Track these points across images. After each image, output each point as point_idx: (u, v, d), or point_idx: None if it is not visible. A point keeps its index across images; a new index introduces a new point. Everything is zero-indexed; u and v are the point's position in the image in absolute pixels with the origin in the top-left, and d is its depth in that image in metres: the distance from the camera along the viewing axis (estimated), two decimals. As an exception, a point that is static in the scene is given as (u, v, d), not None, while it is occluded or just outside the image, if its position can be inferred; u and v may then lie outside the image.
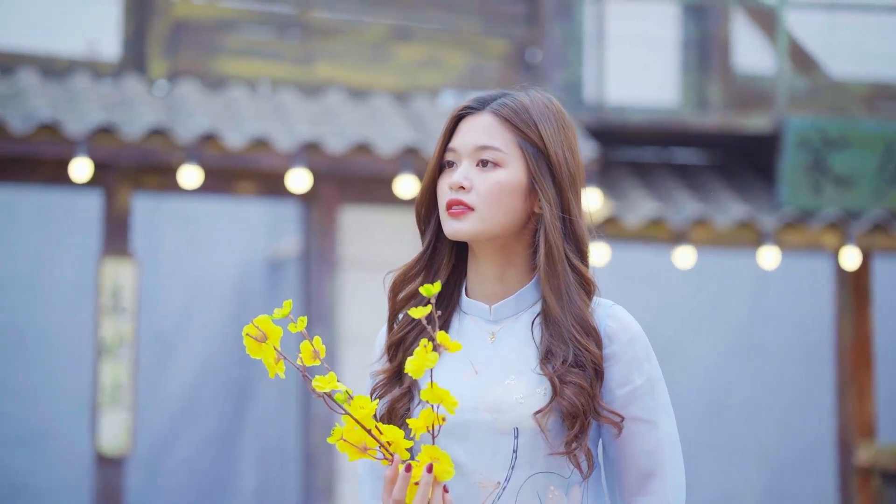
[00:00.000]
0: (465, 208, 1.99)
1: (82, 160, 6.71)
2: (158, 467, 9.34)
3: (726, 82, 8.43)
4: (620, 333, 2.00)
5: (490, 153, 2.01)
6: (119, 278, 7.08)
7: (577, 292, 2.00)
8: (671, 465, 1.99)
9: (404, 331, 2.04)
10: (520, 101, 2.04)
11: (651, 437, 1.99)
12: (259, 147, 7.01)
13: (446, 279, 2.07)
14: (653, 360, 2.02)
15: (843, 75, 8.67)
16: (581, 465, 1.97)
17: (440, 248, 2.06)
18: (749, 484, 9.91)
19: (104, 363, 7.03)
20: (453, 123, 2.06)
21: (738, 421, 9.97)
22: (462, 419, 1.97)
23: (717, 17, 8.41)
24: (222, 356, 9.74)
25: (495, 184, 2.00)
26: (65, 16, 7.57)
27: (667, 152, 8.37)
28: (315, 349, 1.87)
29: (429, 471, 1.85)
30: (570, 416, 1.94)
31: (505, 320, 2.04)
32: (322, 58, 7.83)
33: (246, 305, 9.89)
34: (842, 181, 7.77)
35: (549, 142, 2.02)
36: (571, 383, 1.95)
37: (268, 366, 1.88)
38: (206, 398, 9.70)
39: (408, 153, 7.09)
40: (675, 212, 7.63)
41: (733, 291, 9.87)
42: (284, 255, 9.81)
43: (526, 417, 1.96)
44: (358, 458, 1.89)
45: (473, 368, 2.01)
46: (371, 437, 1.87)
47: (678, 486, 1.99)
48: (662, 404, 2.01)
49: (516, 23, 8.07)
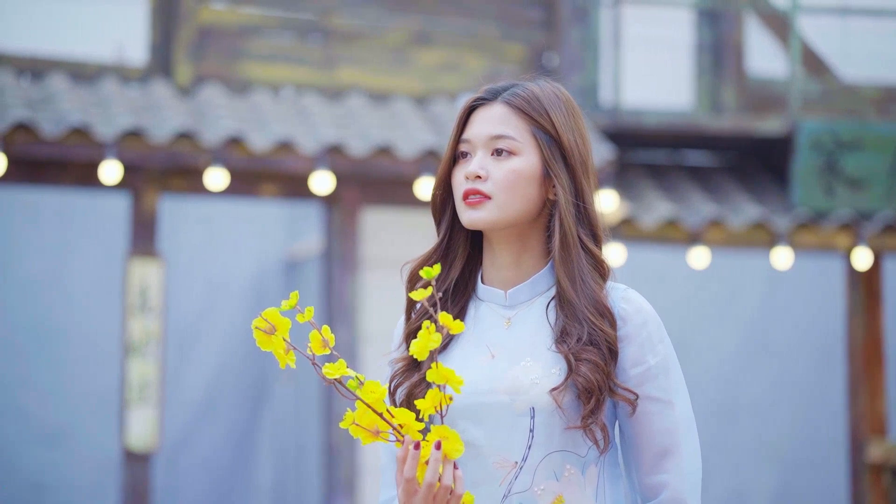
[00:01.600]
0: (482, 197, 2.01)
1: (111, 163, 6.85)
2: (178, 464, 9.40)
3: (740, 86, 8.48)
4: (634, 315, 2.02)
5: (504, 142, 2.03)
6: (146, 278, 7.22)
7: (591, 275, 2.01)
8: (686, 443, 2.00)
9: (421, 320, 2.06)
10: (530, 90, 2.06)
11: (666, 417, 2.00)
12: (283, 150, 7.13)
13: (461, 268, 2.08)
14: (666, 342, 2.03)
15: (855, 79, 8.69)
16: (598, 440, 1.98)
17: (455, 238, 2.08)
18: (760, 481, 9.92)
19: (132, 361, 7.17)
20: (466, 115, 2.07)
21: (750, 419, 10.00)
22: (479, 402, 2.00)
23: (731, 22, 8.45)
24: (240, 355, 9.81)
25: (511, 171, 2.02)
26: (93, 22, 7.70)
27: (681, 154, 8.41)
28: (324, 338, 1.89)
29: (437, 448, 1.86)
30: (586, 392, 1.96)
31: (520, 305, 2.05)
32: (344, 62, 7.95)
33: (263, 305, 9.96)
34: (854, 183, 7.82)
35: (561, 129, 2.04)
36: (586, 360, 1.97)
37: (278, 357, 1.90)
38: (224, 396, 9.77)
39: (428, 156, 7.21)
40: (689, 213, 7.68)
41: (747, 291, 9.86)
42: (301, 256, 9.91)
43: (542, 396, 1.97)
44: (370, 441, 1.91)
45: (490, 353, 2.03)
46: (383, 421, 1.89)
47: (694, 464, 2.00)
48: (677, 384, 2.02)
49: (534, 27, 8.17)
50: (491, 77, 8.10)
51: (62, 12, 7.64)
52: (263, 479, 9.89)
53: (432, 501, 1.88)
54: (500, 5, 8.14)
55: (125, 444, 7.10)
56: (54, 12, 7.62)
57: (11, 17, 7.71)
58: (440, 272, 2.06)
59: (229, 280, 9.91)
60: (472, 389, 1.99)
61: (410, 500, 1.89)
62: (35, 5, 7.67)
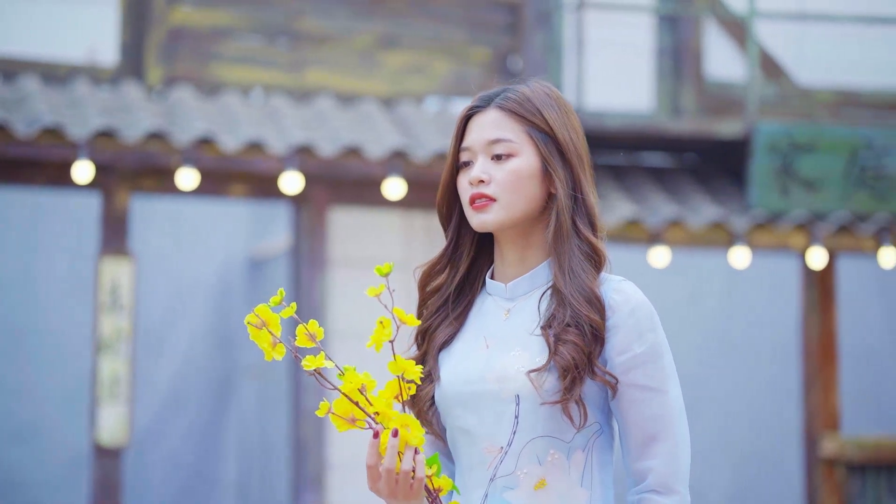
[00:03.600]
0: (488, 200, 2.08)
1: (84, 163, 6.92)
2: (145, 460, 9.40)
3: (699, 89, 8.54)
4: (622, 305, 2.05)
5: (502, 145, 2.09)
6: (117, 277, 7.31)
7: (584, 265, 2.06)
8: (674, 430, 2.03)
9: (429, 320, 2.16)
10: (521, 92, 2.12)
11: (654, 404, 2.03)
12: (253, 150, 7.21)
13: (468, 267, 2.16)
14: (657, 332, 2.06)
15: (810, 83, 8.77)
16: (573, 417, 2.02)
17: (462, 241, 2.16)
18: (717, 476, 9.91)
19: (103, 358, 7.26)
20: (463, 124, 2.14)
21: (709, 415, 10.08)
22: (472, 390, 2.07)
23: (691, 27, 8.53)
24: (206, 351, 9.82)
25: (511, 172, 2.09)
26: (65, 24, 7.76)
27: (642, 156, 8.43)
28: (310, 332, 1.97)
29: (394, 435, 1.92)
30: (563, 370, 2.00)
31: (520, 297, 2.11)
32: (312, 65, 8.04)
33: (228, 303, 10.00)
34: (809, 184, 7.87)
35: (555, 126, 2.10)
36: (567, 341, 2.01)
37: (265, 350, 1.98)
38: (190, 392, 9.75)
39: (396, 157, 7.29)
40: (650, 213, 7.70)
41: (706, 290, 9.90)
42: (266, 255, 9.97)
43: (527, 384, 2.02)
44: (347, 429, 1.96)
45: (486, 343, 2.09)
46: (359, 409, 1.95)
47: (681, 451, 2.04)
48: (666, 373, 2.05)
49: (499, 31, 8.27)
50: (457, 79, 8.22)
51: (34, 14, 7.69)
52: (229, 475, 9.91)
53: (395, 486, 1.95)
54: (466, 9, 8.23)
55: (96, 439, 7.19)
56: (26, 14, 7.68)
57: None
58: (450, 271, 2.15)
59: (195, 278, 9.92)
60: (466, 378, 2.08)
61: (375, 485, 1.97)
62: (6, 7, 7.72)
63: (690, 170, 8.46)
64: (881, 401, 10.11)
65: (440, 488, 2.00)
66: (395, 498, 1.98)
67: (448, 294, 2.16)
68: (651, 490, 2.03)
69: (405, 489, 1.96)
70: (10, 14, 7.71)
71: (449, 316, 2.15)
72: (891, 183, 7.96)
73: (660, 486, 2.02)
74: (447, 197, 2.15)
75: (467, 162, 2.12)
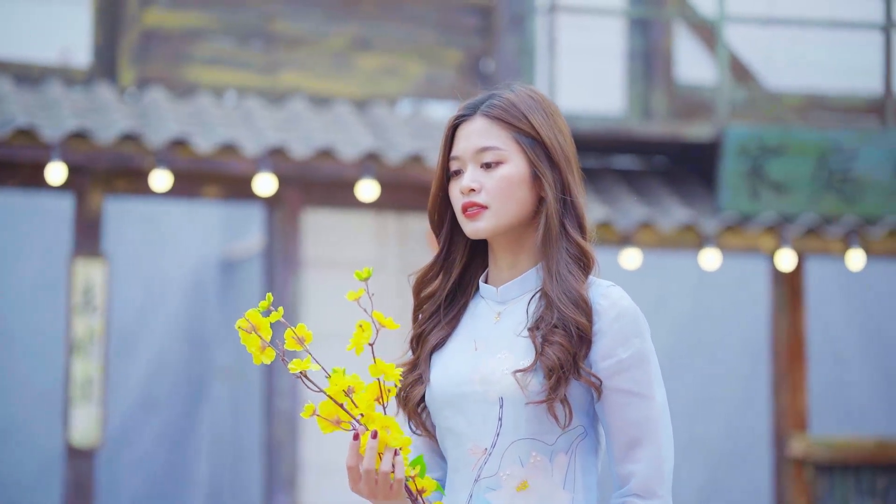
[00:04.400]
0: (479, 208, 2.10)
1: (57, 164, 6.91)
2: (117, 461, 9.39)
3: (670, 92, 8.61)
4: (609, 310, 2.06)
5: (491, 153, 2.11)
6: (90, 278, 7.31)
7: (571, 268, 2.08)
8: (658, 435, 2.06)
9: (423, 326, 2.18)
10: (506, 98, 2.12)
11: (639, 408, 2.05)
12: (226, 152, 7.22)
13: (461, 272, 2.18)
14: (644, 337, 2.07)
15: (779, 87, 8.85)
16: (558, 417, 2.03)
17: (454, 248, 2.19)
18: (687, 476, 9.97)
19: (76, 359, 7.26)
20: (451, 132, 2.15)
21: (680, 416, 10.16)
22: (459, 392, 2.09)
23: (661, 31, 8.59)
24: (178, 353, 9.81)
25: (501, 179, 2.10)
26: (38, 25, 7.77)
27: (613, 159, 8.48)
28: (299, 336, 2.00)
29: (373, 437, 1.96)
30: (549, 370, 2.01)
31: (511, 301, 2.13)
32: (286, 67, 8.06)
33: (201, 304, 10.00)
34: (778, 187, 7.91)
35: (542, 130, 2.11)
36: (554, 342, 2.03)
37: (254, 354, 2.00)
38: (162, 393, 9.74)
39: (369, 158, 7.32)
40: (621, 216, 7.74)
41: (676, 292, 9.95)
42: (238, 256, 9.99)
43: (511, 386, 2.04)
44: (331, 430, 1.99)
45: (475, 345, 2.12)
46: (344, 412, 1.98)
47: (664, 456, 2.06)
48: (651, 378, 2.06)
49: (471, 34, 8.31)
50: (429, 82, 8.26)
51: (7, 15, 7.69)
52: (201, 475, 9.90)
53: (375, 486, 1.98)
54: (439, 12, 8.28)
55: (69, 440, 7.19)
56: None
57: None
58: (442, 277, 2.18)
59: (168, 279, 9.92)
60: (455, 380, 2.10)
61: (356, 486, 2.00)
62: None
63: (661, 172, 8.50)
64: (848, 401, 10.19)
65: (424, 489, 2.03)
66: (375, 498, 2.01)
67: (441, 299, 2.18)
68: (633, 494, 2.04)
69: (385, 490, 1.99)
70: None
71: (442, 320, 2.17)
72: (859, 186, 8.02)
73: (642, 491, 2.04)
74: (438, 205, 2.17)
75: (458, 170, 2.14)
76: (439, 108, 8.34)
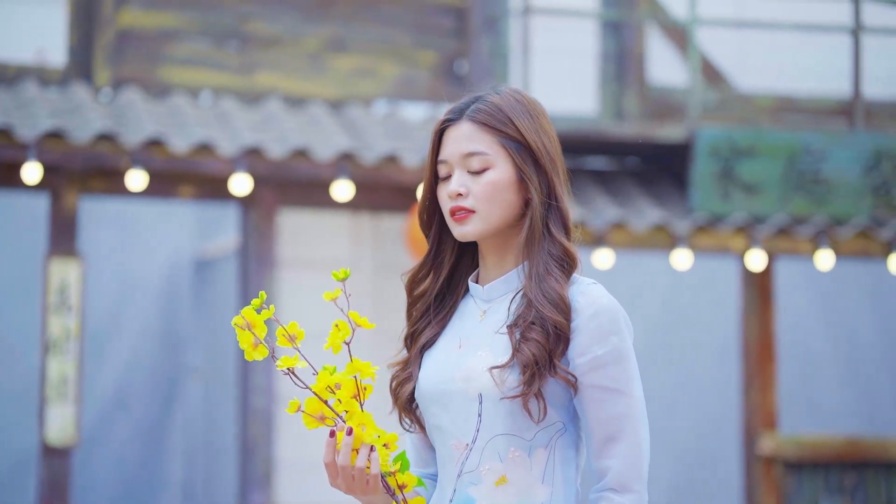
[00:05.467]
0: (467, 212, 2.14)
1: (32, 164, 6.93)
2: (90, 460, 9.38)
3: (642, 94, 8.66)
4: (586, 308, 2.09)
5: (477, 159, 2.14)
6: (66, 277, 7.33)
7: (551, 268, 2.11)
8: (634, 431, 2.08)
9: (416, 325, 2.22)
10: (492, 102, 2.15)
11: (615, 404, 2.08)
12: (202, 152, 7.22)
13: (450, 271, 2.22)
14: (622, 335, 2.10)
15: (750, 89, 8.90)
16: (532, 412, 2.06)
17: (443, 248, 2.22)
18: (659, 473, 9.92)
19: (51, 358, 7.28)
20: (438, 137, 2.18)
21: (651, 414, 10.14)
22: (443, 389, 2.13)
23: (634, 33, 8.64)
24: (151, 352, 9.80)
25: (488, 184, 2.14)
26: (13, 25, 7.77)
27: (586, 159, 8.52)
28: (290, 334, 2.05)
29: (348, 434, 2.01)
30: (524, 366, 2.05)
31: (496, 299, 2.17)
32: (261, 68, 8.09)
33: (174, 304, 9.99)
34: (749, 188, 7.97)
35: (527, 133, 2.14)
36: (531, 339, 2.06)
37: (246, 350, 2.05)
38: (135, 393, 9.72)
39: (344, 159, 7.34)
40: (594, 216, 7.77)
41: (649, 291, 9.98)
42: (211, 256, 10.00)
43: (489, 382, 2.08)
44: (316, 427, 2.03)
45: (459, 343, 2.16)
46: (328, 408, 2.02)
47: (639, 451, 2.08)
48: (628, 375, 2.10)
49: (446, 36, 8.35)
50: (404, 83, 8.30)
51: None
52: (174, 475, 9.90)
53: (352, 482, 2.04)
54: (414, 14, 8.31)
55: (44, 438, 7.21)
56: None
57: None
58: (432, 277, 2.22)
59: (141, 279, 9.91)
60: (439, 378, 2.15)
61: (335, 482, 2.06)
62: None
63: (634, 173, 8.54)
64: (817, 400, 10.27)
65: (405, 484, 2.07)
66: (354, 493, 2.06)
67: (431, 298, 2.22)
68: (609, 489, 2.07)
69: (362, 485, 2.04)
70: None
71: (432, 319, 2.22)
72: (828, 187, 8.09)
73: (617, 485, 2.07)
74: (427, 207, 2.21)
75: (446, 174, 2.17)
76: (414, 109, 8.39)
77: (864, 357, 10.41)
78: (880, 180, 8.16)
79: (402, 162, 7.37)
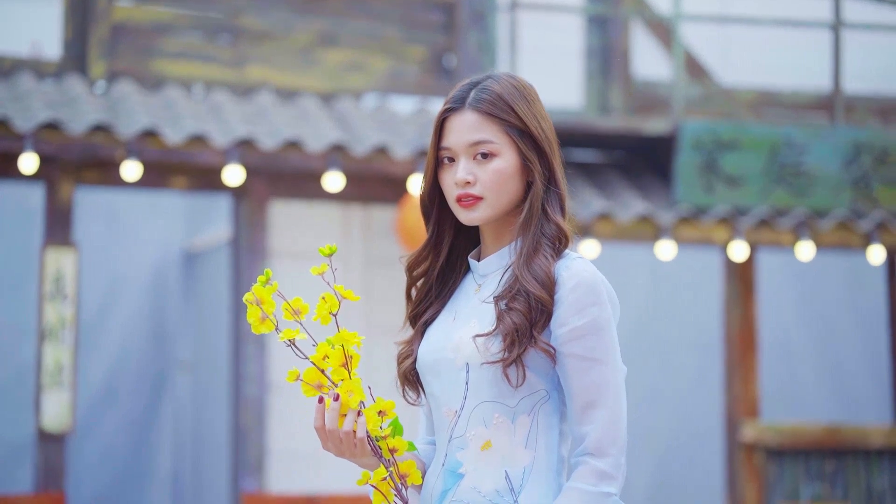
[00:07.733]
0: (475, 199, 2.21)
1: (29, 154, 7.01)
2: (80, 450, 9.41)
3: (627, 88, 8.73)
4: (568, 280, 2.16)
5: (485, 146, 2.20)
6: (61, 266, 7.42)
7: (546, 246, 2.19)
8: (611, 399, 2.15)
9: (419, 305, 2.33)
10: (493, 91, 2.21)
11: (593, 373, 2.14)
12: (196, 143, 7.29)
13: (448, 251, 2.31)
14: (602, 307, 2.16)
15: (733, 83, 8.98)
16: (510, 378, 2.14)
17: (442, 231, 2.31)
18: (643, 462, 9.97)
19: (47, 346, 7.37)
20: (440, 124, 2.24)
21: (635, 404, 10.19)
22: (436, 358, 2.23)
23: (619, 29, 8.72)
24: (141, 343, 9.80)
25: (495, 172, 2.21)
26: (9, 19, 7.84)
27: (573, 152, 8.57)
28: (294, 308, 2.15)
29: (335, 399, 2.10)
30: (505, 335, 2.13)
31: (490, 274, 2.26)
32: (253, 61, 8.16)
33: (163, 295, 9.99)
34: (732, 180, 8.04)
35: (527, 119, 2.20)
36: (514, 309, 2.14)
37: (253, 324, 2.15)
38: (125, 384, 9.72)
39: (334, 150, 7.41)
40: (580, 207, 7.81)
41: (633, 282, 10.03)
42: (201, 247, 10.05)
43: (474, 351, 2.17)
44: (313, 394, 2.12)
45: (454, 316, 2.26)
46: (325, 377, 2.12)
47: (617, 418, 2.16)
48: (606, 345, 2.15)
49: (434, 30, 8.42)
50: (393, 76, 8.37)
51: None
52: (162, 466, 9.90)
53: (341, 444, 2.13)
54: (403, 8, 8.39)
55: (40, 425, 7.31)
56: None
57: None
58: (432, 258, 2.31)
59: (131, 270, 9.91)
60: (433, 348, 2.25)
61: (325, 445, 2.15)
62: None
63: (619, 166, 8.60)
64: (798, 389, 10.34)
65: (396, 448, 2.17)
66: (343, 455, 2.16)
67: (433, 278, 2.31)
68: (587, 453, 2.14)
69: (350, 447, 2.14)
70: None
71: (434, 298, 2.31)
72: (809, 179, 8.16)
73: (594, 450, 2.13)
74: (429, 191, 2.28)
75: (450, 159, 2.24)
76: (403, 103, 8.47)
77: (843, 347, 10.46)
78: (860, 173, 8.25)
79: (391, 154, 7.46)
